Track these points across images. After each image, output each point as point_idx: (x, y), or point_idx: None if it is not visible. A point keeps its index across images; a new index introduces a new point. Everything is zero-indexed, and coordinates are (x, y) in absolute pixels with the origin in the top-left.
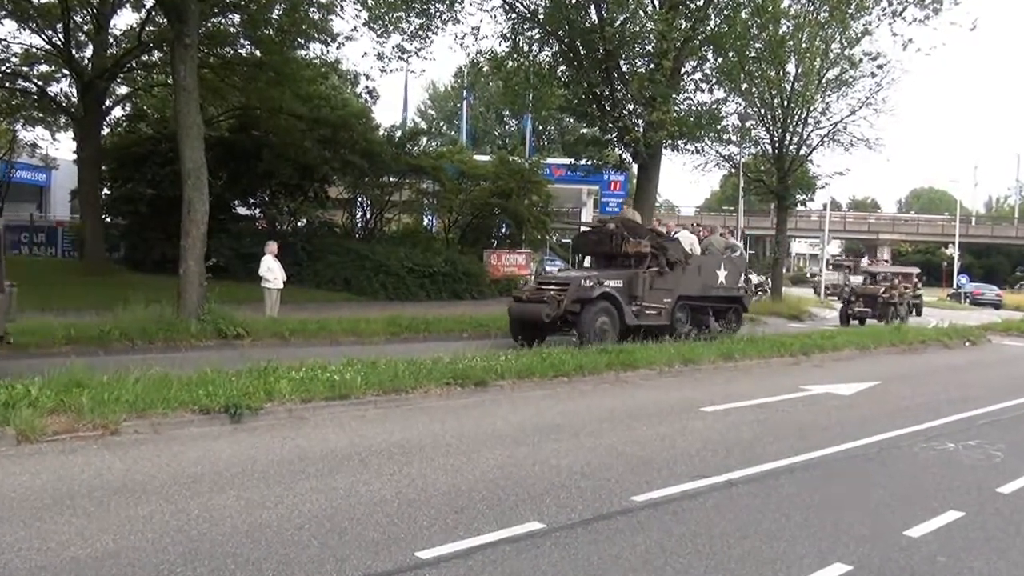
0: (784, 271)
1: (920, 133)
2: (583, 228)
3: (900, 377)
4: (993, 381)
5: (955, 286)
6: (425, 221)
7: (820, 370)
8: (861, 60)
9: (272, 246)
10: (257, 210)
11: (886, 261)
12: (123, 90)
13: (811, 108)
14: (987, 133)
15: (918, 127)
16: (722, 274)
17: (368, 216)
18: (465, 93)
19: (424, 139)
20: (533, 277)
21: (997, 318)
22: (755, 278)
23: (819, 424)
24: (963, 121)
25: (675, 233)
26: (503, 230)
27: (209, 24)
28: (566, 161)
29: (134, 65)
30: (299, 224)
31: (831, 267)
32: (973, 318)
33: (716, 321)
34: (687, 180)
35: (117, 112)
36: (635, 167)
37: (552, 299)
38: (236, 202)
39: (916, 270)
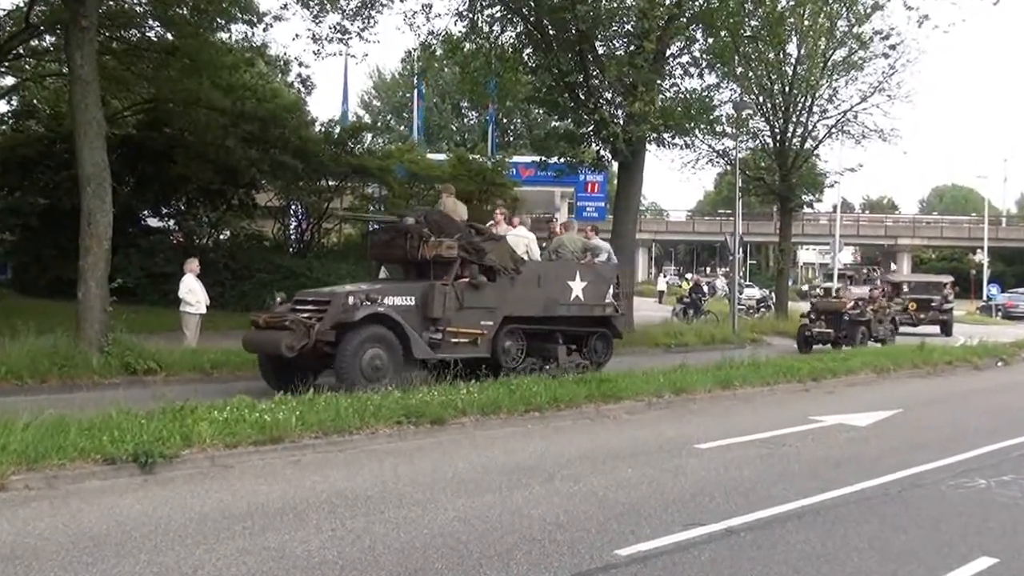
0: (790, 283)
1: (941, 123)
2: (374, 226)
3: (924, 404)
4: None
5: (985, 297)
6: (371, 231)
7: (832, 397)
8: (871, 39)
9: (193, 264)
10: (171, 221)
11: (882, 271)
12: (8, 81)
13: (816, 95)
14: (1017, 122)
15: (939, 116)
16: (577, 286)
17: (304, 227)
18: (416, 81)
19: (368, 135)
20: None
21: None
22: (757, 292)
23: (831, 460)
24: (989, 109)
25: (495, 227)
26: None
27: (111, 2)
28: (535, 160)
29: (21, 52)
30: (221, 237)
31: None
32: (1007, 334)
33: (571, 351)
34: (676, 179)
35: (1, 107)
36: (615, 165)
37: (299, 325)
38: (146, 212)
39: (949, 279)
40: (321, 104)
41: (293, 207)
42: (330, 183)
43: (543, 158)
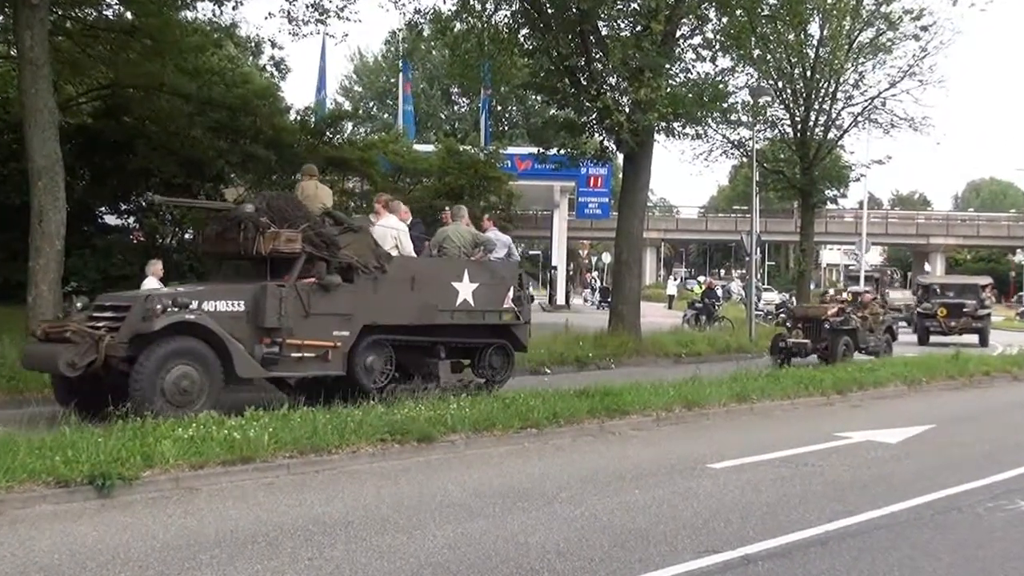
0: (812, 287)
1: (978, 111)
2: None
3: (959, 419)
4: None
5: None
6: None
7: (859, 412)
8: (901, 19)
9: (156, 266)
10: (131, 219)
11: (892, 272)
12: None
13: (841, 80)
14: None
15: (975, 104)
16: (465, 288)
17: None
18: (401, 65)
19: (349, 124)
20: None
21: None
22: (776, 297)
23: (859, 481)
24: None
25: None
26: None
27: None
28: (533, 151)
29: None
30: (186, 236)
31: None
32: None
33: (458, 367)
34: (687, 173)
35: None
36: (620, 158)
37: (83, 336)
38: (103, 209)
39: (987, 280)
40: (296, 90)
41: None
42: None
43: (541, 149)
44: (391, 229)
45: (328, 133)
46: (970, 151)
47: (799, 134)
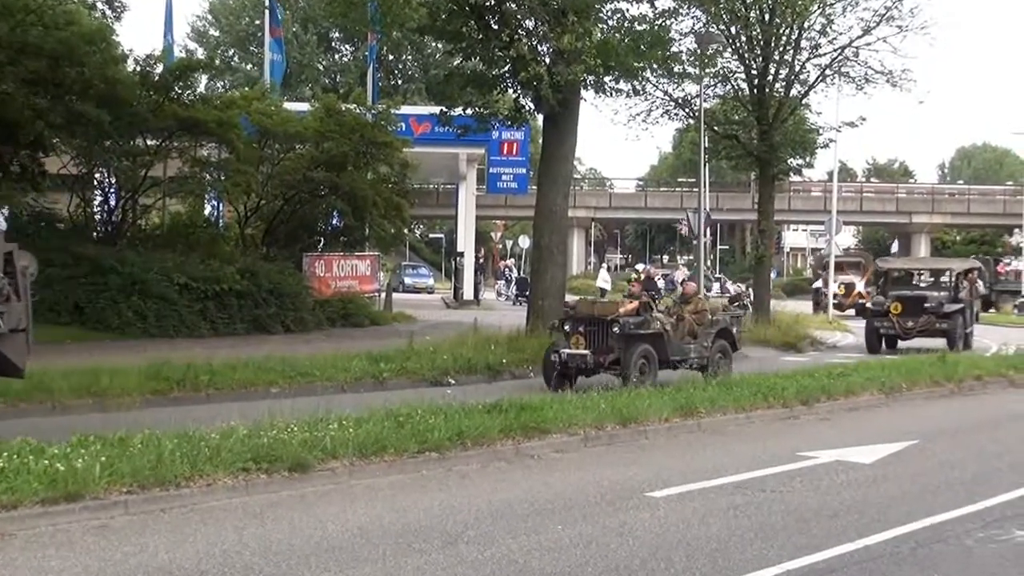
0: (773, 275)
1: (969, 65)
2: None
3: (945, 433)
4: None
5: None
6: (207, 209)
7: (827, 426)
8: None
9: None
10: None
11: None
12: None
13: (806, 25)
14: None
15: (965, 56)
16: None
17: (113, 203)
18: (268, 3)
19: (203, 77)
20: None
21: None
22: (730, 288)
23: (827, 509)
24: None
25: None
26: (334, 222)
27: None
28: (433, 111)
29: None
30: None
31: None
32: None
33: None
34: (621, 137)
35: None
36: (540, 119)
37: None
38: None
39: (970, 264)
40: (136, 34)
41: (98, 176)
42: (149, 142)
43: (443, 109)
44: None
45: (177, 88)
46: (960, 112)
47: (756, 90)
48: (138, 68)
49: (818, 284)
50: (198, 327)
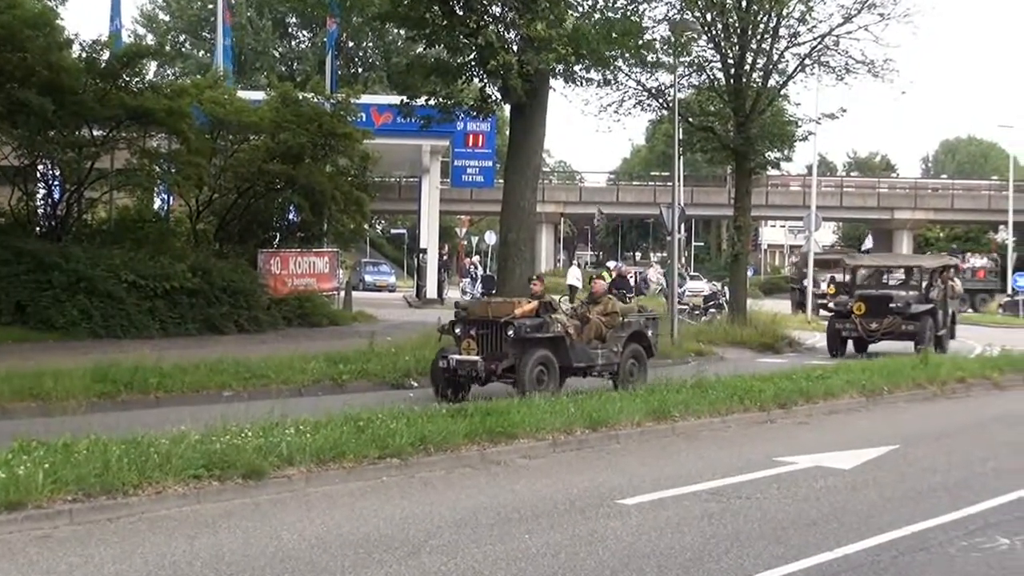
0: (750, 273)
1: (953, 55)
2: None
3: (928, 437)
4: None
5: (1010, 290)
6: (157, 203)
7: (805, 430)
8: None
9: None
10: None
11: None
12: None
13: (784, 12)
14: None
15: (950, 46)
16: None
17: (58, 197)
18: None
19: (153, 64)
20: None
21: None
22: (705, 286)
23: (804, 517)
24: (1017, 35)
25: None
26: (290, 216)
27: None
28: (395, 101)
29: None
30: None
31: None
32: None
33: None
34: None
35: None
36: (507, 110)
37: None
38: None
39: (952, 262)
40: (81, 18)
41: (41, 168)
42: (96, 133)
43: (405, 99)
44: None
45: (125, 76)
46: (944, 105)
47: (733, 80)
48: (84, 54)
49: (806, 283)
50: (147, 327)
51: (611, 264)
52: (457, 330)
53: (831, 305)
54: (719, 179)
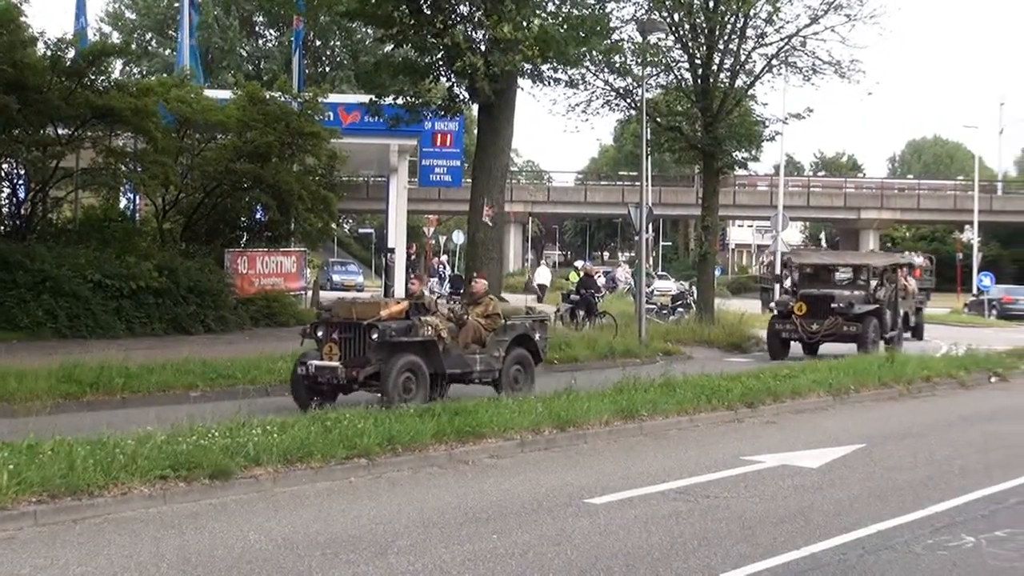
0: (717, 273)
1: (919, 56)
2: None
3: (894, 436)
4: None
5: (976, 290)
6: (123, 203)
7: (773, 430)
8: None
9: None
10: None
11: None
12: None
13: (751, 13)
14: (1019, 54)
15: (916, 47)
16: None
17: (22, 196)
18: None
19: (119, 63)
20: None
21: None
22: (672, 286)
23: (772, 516)
24: (982, 37)
25: None
26: (257, 216)
27: None
28: (362, 100)
29: None
30: None
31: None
32: (1002, 339)
33: None
34: (560, 129)
35: None
36: (475, 109)
37: None
38: None
39: (905, 260)
40: (46, 16)
41: (5, 167)
42: (61, 131)
43: (372, 98)
44: None
45: (90, 74)
46: (911, 105)
47: (700, 81)
48: (49, 52)
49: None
50: (113, 327)
51: (579, 264)
52: (319, 333)
53: (771, 305)
54: (687, 179)
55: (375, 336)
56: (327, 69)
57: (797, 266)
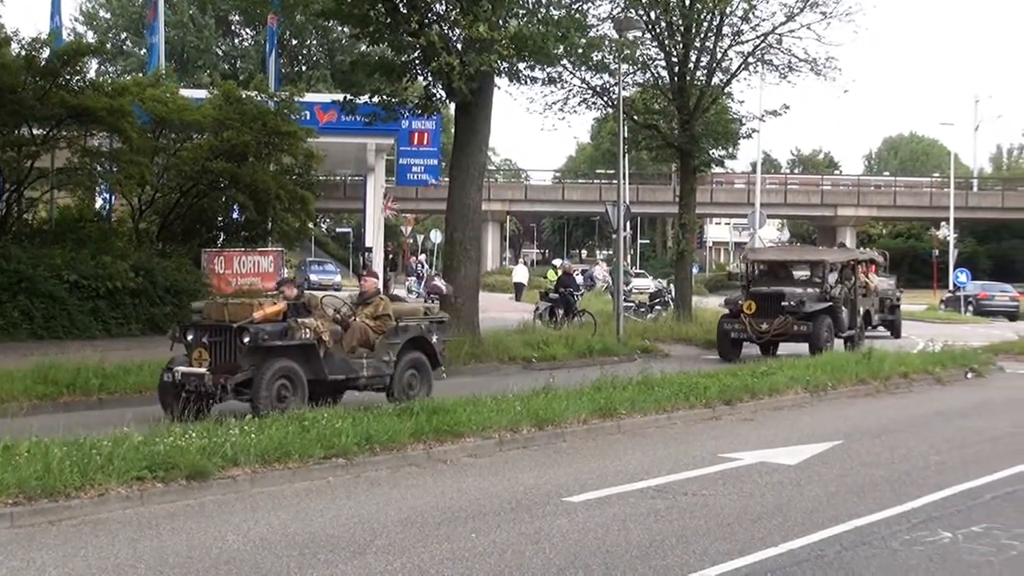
0: (695, 271)
1: (895, 54)
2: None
3: (871, 432)
4: (1007, 432)
5: (951, 286)
6: (99, 203)
7: (751, 427)
8: None
9: None
10: None
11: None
12: None
13: (727, 11)
14: (993, 51)
15: (891, 44)
16: None
17: None
18: None
19: (94, 62)
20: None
21: (1013, 334)
22: (650, 284)
23: (750, 513)
24: (958, 34)
25: None
26: (234, 215)
27: None
28: (338, 99)
29: None
30: None
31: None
32: (978, 335)
33: None
34: (537, 127)
35: None
36: (452, 108)
37: None
38: None
39: (865, 256)
40: (20, 15)
41: None
42: (36, 131)
43: (349, 97)
44: None
45: (65, 74)
46: (887, 102)
47: (677, 78)
48: (23, 52)
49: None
50: (89, 328)
51: (557, 262)
52: (189, 336)
53: (720, 304)
54: (664, 177)
55: (246, 340)
56: (303, 68)
57: (751, 262)
